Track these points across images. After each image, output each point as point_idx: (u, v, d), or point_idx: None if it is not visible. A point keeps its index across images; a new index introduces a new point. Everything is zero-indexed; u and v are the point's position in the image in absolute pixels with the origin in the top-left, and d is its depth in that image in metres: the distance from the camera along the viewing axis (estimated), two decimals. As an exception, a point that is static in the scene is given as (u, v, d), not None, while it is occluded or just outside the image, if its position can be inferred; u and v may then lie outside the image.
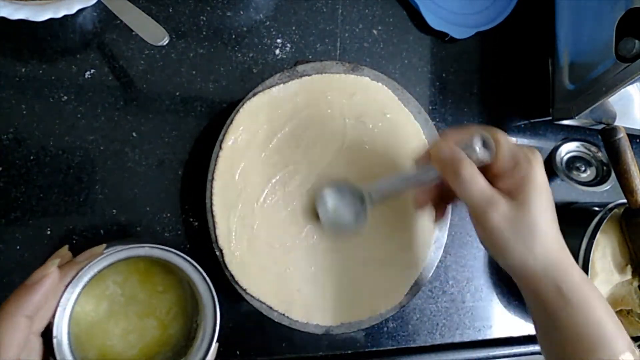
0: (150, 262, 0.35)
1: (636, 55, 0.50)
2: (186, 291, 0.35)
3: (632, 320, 0.59)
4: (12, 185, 0.42)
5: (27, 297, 0.27)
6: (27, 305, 0.27)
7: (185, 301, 0.35)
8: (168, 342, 0.34)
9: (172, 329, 0.35)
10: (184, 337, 0.35)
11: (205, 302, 0.32)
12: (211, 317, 0.32)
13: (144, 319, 0.34)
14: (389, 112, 0.50)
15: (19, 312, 0.26)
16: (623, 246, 0.59)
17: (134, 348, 0.33)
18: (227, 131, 0.44)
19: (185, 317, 0.35)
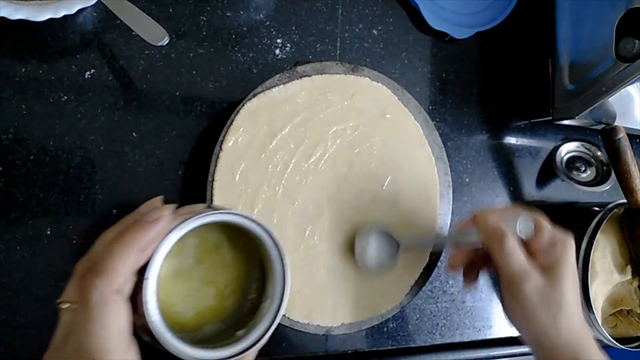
0: (225, 233, 0.36)
1: (636, 55, 0.50)
2: (250, 270, 0.36)
3: (632, 320, 0.59)
4: (12, 185, 0.42)
5: (144, 233, 0.28)
6: (141, 240, 0.28)
7: (245, 280, 0.36)
8: (221, 314, 0.35)
9: (228, 302, 0.36)
10: (237, 312, 0.35)
11: (276, 278, 0.33)
12: (279, 294, 0.33)
13: (205, 286, 0.35)
14: (389, 112, 0.50)
15: (135, 245, 0.28)
16: (623, 246, 0.59)
17: (190, 312, 0.34)
18: (227, 132, 0.44)
19: (242, 294, 0.36)
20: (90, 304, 0.26)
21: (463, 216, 0.59)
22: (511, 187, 0.63)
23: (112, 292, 0.27)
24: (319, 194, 0.47)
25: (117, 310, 0.27)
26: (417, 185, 0.51)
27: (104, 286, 0.26)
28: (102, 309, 0.26)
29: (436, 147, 0.52)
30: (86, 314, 0.26)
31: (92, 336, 0.26)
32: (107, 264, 0.27)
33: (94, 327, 0.26)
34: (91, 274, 0.27)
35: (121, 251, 0.27)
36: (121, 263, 0.27)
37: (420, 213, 0.50)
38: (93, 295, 0.26)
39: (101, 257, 0.27)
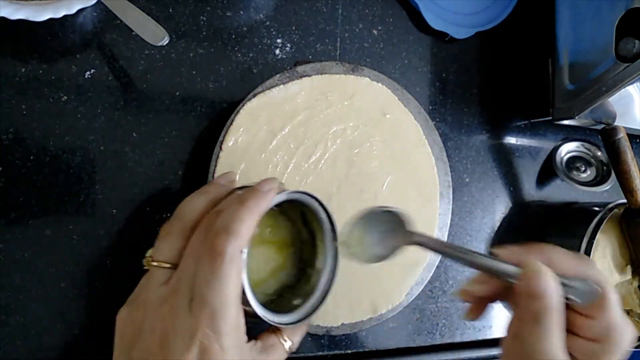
0: (285, 211, 0.40)
1: (636, 55, 0.50)
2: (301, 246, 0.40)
3: (632, 320, 0.59)
4: (12, 185, 0.42)
5: (263, 202, 0.31)
6: (262, 206, 0.31)
7: (297, 254, 0.40)
8: (276, 281, 0.39)
9: (283, 271, 0.39)
10: (286, 282, 0.39)
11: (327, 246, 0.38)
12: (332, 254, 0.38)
13: (267, 252, 0.38)
14: (389, 112, 0.50)
15: (257, 210, 0.30)
16: (623, 246, 0.59)
17: (260, 272, 0.37)
18: (227, 132, 0.44)
19: (293, 265, 0.40)
20: (224, 262, 0.28)
21: (463, 216, 0.59)
22: (511, 187, 0.63)
23: (240, 252, 0.29)
24: (319, 194, 0.47)
25: (240, 269, 0.29)
26: (417, 185, 0.51)
27: (235, 245, 0.28)
28: (232, 267, 0.28)
29: (436, 147, 0.52)
30: (216, 269, 0.27)
31: (219, 291, 0.27)
32: (238, 225, 0.29)
33: (221, 283, 0.27)
34: (225, 234, 0.28)
35: (248, 215, 0.29)
36: (247, 226, 0.29)
37: (420, 213, 0.50)
38: (227, 252, 0.28)
39: (230, 219, 0.29)
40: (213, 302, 0.27)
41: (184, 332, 0.27)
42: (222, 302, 0.27)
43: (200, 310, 0.27)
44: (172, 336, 0.27)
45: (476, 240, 0.60)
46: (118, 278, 0.44)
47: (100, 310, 0.44)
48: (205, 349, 0.27)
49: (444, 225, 0.52)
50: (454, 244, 0.37)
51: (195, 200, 0.33)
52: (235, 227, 0.29)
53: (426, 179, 0.51)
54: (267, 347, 0.32)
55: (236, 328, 0.28)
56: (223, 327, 0.27)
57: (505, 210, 0.62)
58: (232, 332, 0.28)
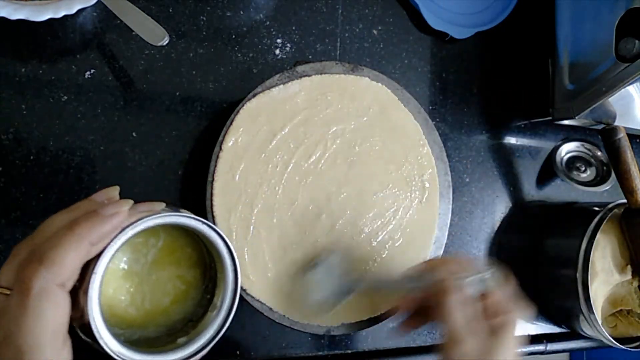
0: (181, 236, 0.35)
1: (636, 55, 0.50)
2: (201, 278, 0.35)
3: (632, 320, 0.59)
4: (12, 185, 0.42)
5: (99, 227, 0.26)
6: (95, 234, 0.26)
7: (195, 287, 0.35)
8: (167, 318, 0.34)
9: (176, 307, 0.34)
10: (182, 319, 0.34)
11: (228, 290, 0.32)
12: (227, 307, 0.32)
13: (154, 287, 0.34)
14: (389, 112, 0.50)
15: (88, 237, 0.26)
16: (623, 246, 0.59)
17: (135, 311, 0.33)
18: (227, 132, 0.44)
19: (190, 302, 0.35)
20: (30, 295, 0.24)
21: (463, 216, 0.59)
22: (511, 187, 0.63)
23: (56, 285, 0.25)
24: (319, 194, 0.47)
25: (57, 305, 0.25)
26: (417, 185, 0.50)
27: (48, 277, 0.24)
28: (42, 302, 0.24)
29: (436, 147, 0.52)
30: (23, 305, 0.24)
31: (26, 330, 0.24)
32: (55, 254, 0.25)
33: (29, 321, 0.24)
34: (36, 262, 0.25)
35: (72, 243, 0.25)
36: (70, 255, 0.25)
37: (420, 213, 0.50)
38: (35, 285, 0.24)
39: (49, 245, 0.25)
40: (19, 343, 0.24)
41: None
42: (29, 343, 0.24)
43: (8, 352, 0.24)
44: None
45: (476, 240, 0.60)
46: (118, 278, 0.44)
47: (100, 310, 0.44)
48: None
49: (444, 225, 0.52)
50: (380, 276, 0.47)
51: (56, 219, 0.28)
52: (51, 255, 0.25)
53: (426, 179, 0.51)
54: None
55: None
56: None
57: (505, 210, 0.62)
58: None
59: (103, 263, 0.27)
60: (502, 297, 0.38)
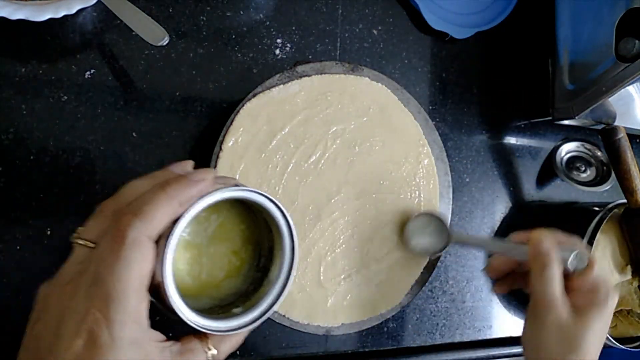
0: (242, 211, 0.36)
1: (636, 55, 0.50)
2: (254, 255, 0.37)
3: (632, 320, 0.59)
4: (12, 185, 0.42)
5: (187, 189, 0.28)
6: (184, 195, 0.28)
7: (249, 263, 0.36)
8: (220, 290, 0.35)
9: (230, 280, 0.36)
10: (234, 293, 0.36)
11: (284, 267, 0.34)
12: (282, 283, 0.34)
13: (210, 259, 0.35)
14: (389, 112, 0.50)
15: (178, 197, 0.28)
16: (623, 246, 0.59)
17: (191, 281, 0.34)
18: (227, 132, 0.44)
19: (243, 276, 0.36)
20: (125, 243, 0.26)
21: (463, 216, 0.59)
22: (511, 187, 0.63)
23: (147, 238, 0.26)
24: (319, 194, 0.47)
25: (146, 256, 0.26)
26: (417, 185, 0.50)
27: (142, 229, 0.26)
28: (134, 251, 0.26)
29: (436, 147, 0.52)
30: (116, 252, 0.25)
31: (117, 276, 0.25)
32: (149, 208, 0.27)
33: (121, 268, 0.25)
34: (131, 214, 0.26)
35: (164, 200, 0.27)
36: (161, 212, 0.27)
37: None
38: (129, 234, 0.26)
39: (143, 201, 0.27)
40: (108, 286, 0.25)
41: (76, 314, 0.25)
42: (118, 288, 0.25)
43: (95, 294, 0.25)
44: (66, 317, 0.25)
45: (476, 240, 0.60)
46: (118, 278, 0.44)
47: (100, 310, 0.44)
48: (93, 335, 0.24)
49: (444, 225, 0.52)
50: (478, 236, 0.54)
51: (138, 183, 0.30)
52: (146, 209, 0.26)
53: (426, 179, 0.51)
54: (185, 351, 0.29)
55: (135, 319, 0.26)
56: (116, 315, 0.25)
57: (505, 210, 0.62)
58: (128, 323, 0.25)
59: (181, 226, 0.28)
60: (594, 275, 0.41)
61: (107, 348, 0.25)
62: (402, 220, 0.49)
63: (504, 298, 0.61)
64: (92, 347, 0.24)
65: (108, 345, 0.25)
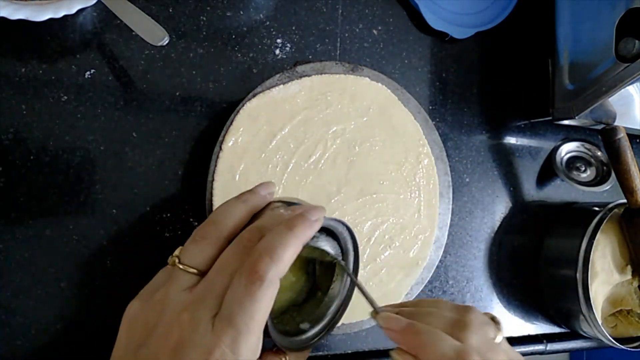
0: None
1: (636, 55, 0.50)
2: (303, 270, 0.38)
3: (632, 320, 0.59)
4: (12, 185, 0.42)
5: (310, 230, 0.30)
6: (307, 235, 0.29)
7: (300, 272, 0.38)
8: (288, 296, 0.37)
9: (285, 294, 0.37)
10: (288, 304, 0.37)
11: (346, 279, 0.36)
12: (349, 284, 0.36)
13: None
14: (389, 112, 0.50)
15: (303, 239, 0.29)
16: (623, 246, 0.59)
17: None
18: (227, 132, 0.44)
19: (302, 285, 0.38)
20: (263, 285, 0.27)
21: (463, 216, 0.59)
22: (511, 187, 0.63)
23: (278, 280, 0.28)
24: (319, 194, 0.47)
25: (273, 297, 0.28)
26: (417, 185, 0.51)
27: (275, 271, 0.27)
28: (267, 292, 0.27)
29: (436, 147, 0.52)
30: (252, 292, 0.26)
31: (250, 314, 0.26)
32: (282, 252, 0.28)
33: (254, 307, 0.26)
34: (268, 258, 0.27)
35: (294, 243, 0.28)
36: (291, 254, 0.28)
37: (420, 213, 0.50)
38: (267, 277, 0.27)
39: (274, 243, 0.28)
40: (239, 324, 0.26)
41: (201, 346, 0.26)
42: (249, 326, 0.26)
43: (223, 329, 0.26)
44: (188, 348, 0.26)
45: (476, 240, 0.60)
46: (118, 278, 0.44)
47: (100, 310, 0.44)
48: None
49: (444, 225, 0.52)
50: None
51: (233, 208, 0.32)
52: (280, 252, 0.28)
53: (426, 179, 0.51)
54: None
55: (254, 354, 0.27)
56: (243, 351, 0.26)
57: (505, 210, 0.62)
58: (250, 357, 0.27)
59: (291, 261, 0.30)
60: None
61: None
62: (403, 220, 0.50)
63: (504, 298, 0.61)
64: None
65: None
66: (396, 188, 0.50)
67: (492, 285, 0.60)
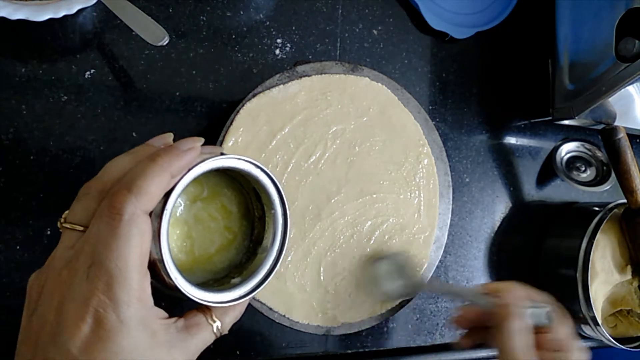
0: (228, 181, 0.36)
1: (636, 55, 0.50)
2: (245, 224, 0.36)
3: (632, 320, 0.59)
4: (12, 185, 0.42)
5: (177, 160, 0.27)
6: (175, 166, 0.27)
7: (241, 233, 0.36)
8: (214, 263, 0.35)
9: (223, 253, 0.35)
10: (228, 265, 0.35)
11: (277, 233, 0.34)
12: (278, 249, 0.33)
13: (201, 233, 0.35)
14: (389, 112, 0.50)
15: (169, 168, 0.27)
16: (623, 246, 0.59)
17: (184, 256, 0.34)
18: (227, 132, 0.44)
19: (236, 247, 0.36)
20: (122, 220, 0.25)
21: (463, 216, 0.59)
22: (511, 187, 0.63)
23: (143, 212, 0.26)
24: (319, 194, 0.47)
25: (144, 231, 0.26)
26: (417, 185, 0.50)
27: (137, 204, 0.25)
28: (132, 228, 0.25)
29: (436, 147, 0.52)
30: (114, 230, 0.25)
31: (118, 254, 0.24)
32: (142, 182, 0.26)
33: (121, 245, 0.25)
34: (125, 189, 0.26)
35: (156, 173, 0.26)
36: (155, 185, 0.26)
37: (420, 213, 0.50)
38: (126, 211, 0.25)
39: (135, 175, 0.26)
40: (110, 266, 0.24)
41: (79, 298, 0.24)
42: (120, 267, 0.24)
43: (96, 275, 0.24)
44: (67, 302, 0.25)
45: (476, 241, 0.60)
46: (118, 278, 0.44)
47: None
48: (100, 318, 0.24)
49: (444, 225, 0.52)
50: (450, 285, 0.48)
51: (119, 160, 0.29)
52: (139, 183, 0.26)
53: (426, 179, 0.51)
54: (190, 326, 0.29)
55: (139, 298, 0.25)
56: (121, 295, 0.24)
57: (505, 210, 0.62)
58: (133, 302, 0.25)
59: (174, 198, 0.28)
60: (563, 334, 0.40)
61: (116, 330, 0.24)
62: (403, 220, 0.49)
63: (504, 298, 0.61)
64: (100, 331, 0.24)
65: (116, 327, 0.24)
66: (396, 188, 0.50)
67: (492, 285, 0.60)
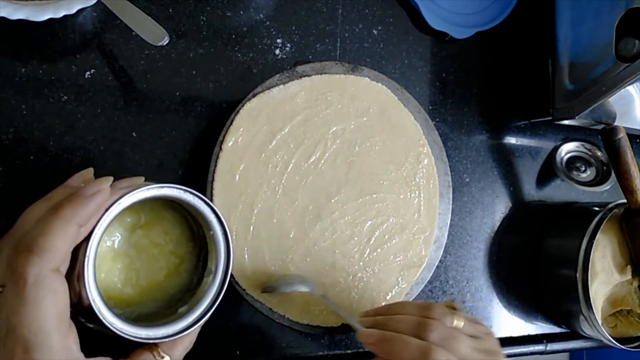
0: (165, 208, 0.35)
1: (636, 55, 0.50)
2: (191, 248, 0.35)
3: (632, 320, 0.59)
4: (12, 185, 0.42)
5: (83, 208, 0.26)
6: (81, 214, 0.26)
7: (187, 258, 0.35)
8: (163, 291, 0.34)
9: (170, 280, 0.34)
10: (179, 290, 0.34)
11: (220, 253, 0.32)
12: (223, 270, 0.32)
13: (145, 263, 0.34)
14: (389, 112, 0.50)
15: (74, 219, 0.25)
16: (623, 246, 0.59)
17: (130, 289, 0.33)
18: (227, 132, 0.44)
19: (183, 272, 0.35)
20: (27, 284, 0.24)
21: (463, 216, 0.59)
22: (511, 187, 0.63)
23: (51, 271, 0.24)
24: (319, 194, 0.47)
25: (56, 290, 0.25)
26: (416, 185, 0.51)
27: (42, 264, 0.24)
28: (40, 289, 0.24)
29: (436, 147, 0.52)
30: (21, 295, 0.24)
31: (28, 320, 0.23)
32: (44, 240, 0.24)
33: (30, 310, 0.23)
34: (25, 251, 0.24)
35: (60, 226, 0.25)
36: (60, 240, 0.25)
37: (420, 213, 0.50)
38: (30, 274, 0.24)
39: (36, 232, 0.25)
40: (23, 333, 0.23)
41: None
42: (34, 331, 0.23)
43: (13, 343, 0.23)
44: None
45: (476, 241, 0.60)
46: (118, 278, 0.44)
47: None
48: None
49: (444, 225, 0.52)
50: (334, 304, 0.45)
51: (34, 209, 0.28)
52: (41, 242, 0.24)
53: (426, 179, 0.51)
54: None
55: (64, 356, 0.24)
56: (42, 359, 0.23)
57: (505, 210, 0.62)
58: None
59: (94, 244, 0.27)
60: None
61: None
62: (403, 220, 0.49)
63: (504, 298, 0.61)
64: None
65: None
66: (396, 188, 0.50)
67: (492, 285, 0.60)
